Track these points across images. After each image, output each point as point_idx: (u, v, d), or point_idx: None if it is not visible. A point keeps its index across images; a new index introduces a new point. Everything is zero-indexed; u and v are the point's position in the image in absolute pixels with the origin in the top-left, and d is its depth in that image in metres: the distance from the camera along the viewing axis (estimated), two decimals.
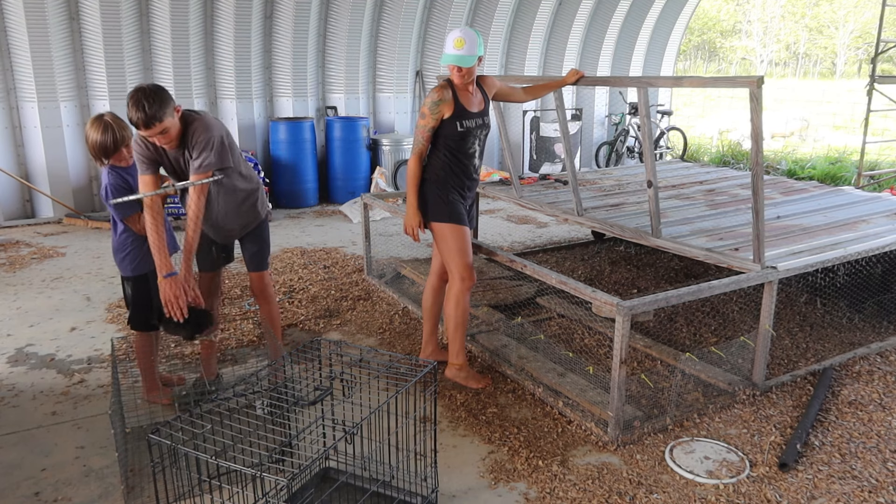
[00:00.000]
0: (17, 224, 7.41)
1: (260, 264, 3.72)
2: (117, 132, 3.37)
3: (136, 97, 2.98)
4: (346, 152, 8.58)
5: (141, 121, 2.99)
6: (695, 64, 52.47)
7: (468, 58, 3.57)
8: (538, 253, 6.42)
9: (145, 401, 3.61)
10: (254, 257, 3.71)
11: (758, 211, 3.47)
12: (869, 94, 8.94)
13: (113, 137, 3.36)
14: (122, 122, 3.41)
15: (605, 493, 2.91)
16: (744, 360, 3.96)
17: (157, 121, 3.00)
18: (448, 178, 3.77)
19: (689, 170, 6.64)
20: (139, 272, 3.48)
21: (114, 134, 3.36)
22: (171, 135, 3.11)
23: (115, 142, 3.36)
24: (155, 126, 3.01)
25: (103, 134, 3.34)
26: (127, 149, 3.41)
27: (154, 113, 2.98)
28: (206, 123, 3.21)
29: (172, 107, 3.08)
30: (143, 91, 3.01)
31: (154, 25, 7.83)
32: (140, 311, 3.53)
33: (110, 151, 3.37)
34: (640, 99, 3.96)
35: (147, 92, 3.00)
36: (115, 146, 3.37)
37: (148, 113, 2.97)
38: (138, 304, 3.53)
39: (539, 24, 10.03)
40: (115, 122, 3.39)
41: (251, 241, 3.68)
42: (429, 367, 2.74)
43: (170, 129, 3.08)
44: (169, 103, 3.05)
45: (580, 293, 3.45)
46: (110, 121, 3.38)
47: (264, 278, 3.74)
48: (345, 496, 2.68)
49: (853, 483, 2.98)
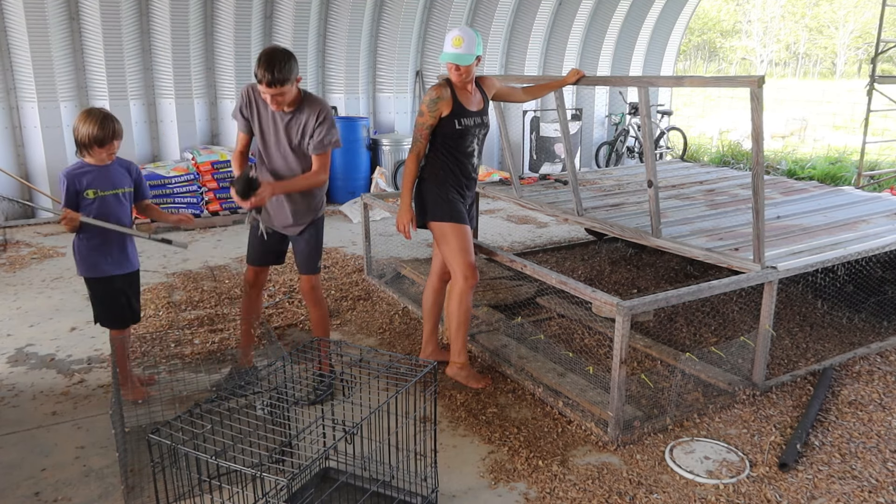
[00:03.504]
0: (17, 224, 7.41)
1: (309, 267, 3.72)
2: (111, 124, 3.36)
3: (270, 59, 3.18)
4: (346, 152, 8.58)
5: (266, 80, 3.19)
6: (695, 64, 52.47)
7: (466, 56, 3.57)
8: (538, 253, 6.42)
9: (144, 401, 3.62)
10: (303, 259, 3.72)
11: (758, 211, 3.47)
12: (869, 94, 8.94)
13: (112, 129, 3.36)
14: (112, 115, 3.41)
15: (605, 493, 2.91)
16: (744, 360, 3.96)
17: (279, 83, 3.20)
18: (447, 177, 3.77)
19: (689, 170, 6.64)
20: (88, 275, 3.53)
21: (112, 126, 3.36)
22: (285, 99, 3.31)
23: (113, 132, 3.36)
24: (276, 87, 3.21)
25: (101, 128, 3.32)
26: (118, 141, 3.41)
27: (282, 77, 3.19)
28: (327, 106, 3.47)
29: (296, 74, 3.29)
30: (276, 53, 3.21)
31: (154, 25, 7.83)
32: (100, 310, 3.58)
33: (104, 142, 3.36)
34: (640, 99, 3.96)
35: (279, 55, 3.20)
36: (113, 136, 3.37)
37: (276, 76, 3.18)
38: (95, 303, 3.59)
39: (539, 24, 10.03)
40: (106, 115, 3.38)
41: (303, 241, 3.69)
42: (429, 367, 2.74)
43: (286, 94, 3.28)
44: (294, 71, 3.26)
45: (580, 293, 3.45)
46: (103, 113, 3.37)
47: (311, 281, 3.75)
48: (345, 496, 2.68)
49: (853, 483, 2.98)
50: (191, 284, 5.52)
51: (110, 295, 3.55)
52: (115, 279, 3.53)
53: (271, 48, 3.27)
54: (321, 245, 3.77)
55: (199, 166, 7.58)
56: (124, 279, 3.58)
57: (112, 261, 3.51)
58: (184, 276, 5.74)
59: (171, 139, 8.26)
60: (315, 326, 3.87)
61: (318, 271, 3.78)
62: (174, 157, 8.20)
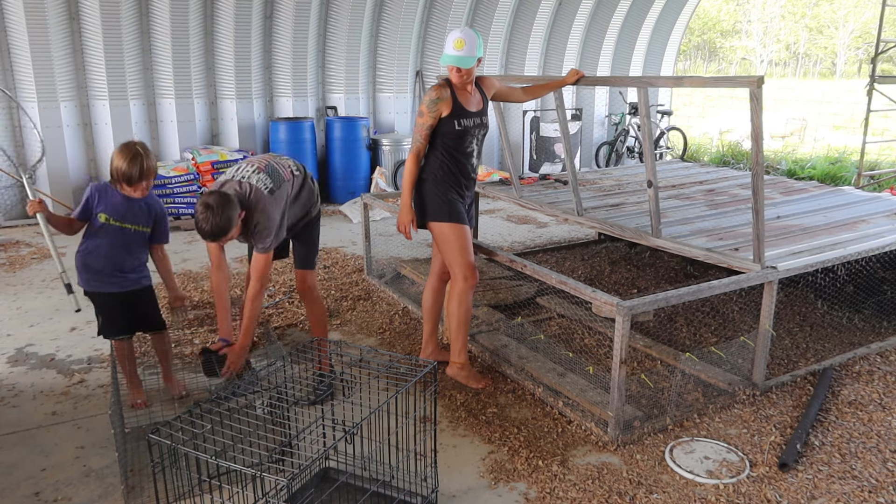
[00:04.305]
0: (18, 224, 7.41)
1: (305, 262, 3.74)
2: (144, 162, 3.33)
3: (205, 216, 3.12)
4: (346, 152, 8.58)
5: (208, 237, 3.20)
6: (695, 64, 52.46)
7: (468, 59, 3.58)
8: (538, 253, 6.42)
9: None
10: (300, 255, 3.74)
11: (758, 211, 3.47)
12: (869, 94, 8.94)
13: (140, 169, 3.32)
14: (149, 152, 3.39)
15: (605, 493, 2.91)
16: (744, 360, 3.96)
17: (222, 236, 3.20)
18: (446, 177, 3.77)
19: (689, 170, 6.64)
20: (88, 289, 3.51)
21: (141, 165, 3.32)
22: (232, 237, 3.29)
23: (140, 173, 3.33)
24: (219, 240, 3.25)
25: (131, 165, 3.29)
26: (147, 181, 3.38)
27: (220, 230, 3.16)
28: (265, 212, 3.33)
29: (237, 217, 3.21)
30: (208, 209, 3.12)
31: (154, 25, 7.83)
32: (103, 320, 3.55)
33: (134, 181, 3.33)
34: (640, 99, 3.96)
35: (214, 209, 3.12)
36: (140, 177, 3.34)
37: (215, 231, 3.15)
38: (98, 315, 3.56)
39: (539, 24, 10.03)
40: (144, 152, 3.35)
41: (301, 237, 3.71)
42: (429, 367, 2.74)
43: (231, 236, 3.26)
44: (234, 217, 3.18)
45: (580, 293, 3.45)
46: (140, 150, 3.34)
47: (307, 278, 3.76)
48: (345, 496, 2.68)
49: (853, 483, 2.98)
50: (191, 284, 5.53)
51: (104, 306, 3.51)
52: (112, 295, 3.48)
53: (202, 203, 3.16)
54: (317, 241, 3.79)
55: (199, 166, 7.59)
56: (126, 296, 3.51)
57: (101, 278, 3.45)
58: (184, 276, 5.74)
59: (171, 139, 8.26)
60: (313, 326, 3.88)
61: (315, 267, 3.79)
62: (174, 157, 8.21)
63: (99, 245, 3.40)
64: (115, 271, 3.45)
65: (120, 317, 3.51)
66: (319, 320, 3.86)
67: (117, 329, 3.54)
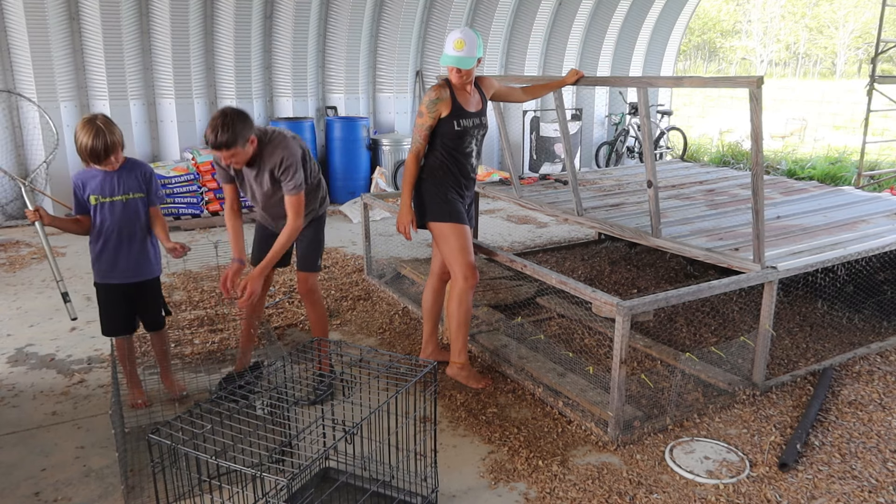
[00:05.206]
0: (17, 224, 7.41)
1: (307, 264, 3.73)
2: (108, 137, 3.21)
3: (215, 123, 3.18)
4: (346, 152, 8.58)
5: (211, 143, 3.21)
6: (695, 64, 52.46)
7: (468, 59, 3.58)
8: (538, 253, 6.42)
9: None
10: (303, 256, 3.73)
11: (758, 211, 3.47)
12: (869, 94, 8.94)
13: (104, 143, 3.21)
14: (112, 125, 3.27)
15: (605, 493, 2.91)
16: (744, 360, 3.96)
17: (225, 147, 3.20)
18: (445, 177, 3.78)
19: (689, 170, 6.64)
20: (98, 280, 3.52)
21: (105, 139, 3.21)
22: (238, 159, 3.31)
23: (105, 147, 3.22)
24: (222, 151, 3.22)
25: (94, 139, 3.19)
26: (115, 154, 3.28)
27: (225, 140, 3.17)
28: (288, 148, 3.38)
29: (248, 137, 3.25)
30: (223, 116, 3.19)
31: (154, 25, 7.83)
32: (101, 316, 3.55)
33: (101, 157, 3.24)
34: (640, 99, 3.96)
35: (226, 118, 3.18)
36: (106, 152, 3.23)
37: (219, 139, 3.17)
38: (101, 310, 3.56)
39: (539, 24, 10.03)
40: (106, 127, 3.23)
41: (305, 236, 3.70)
42: (429, 367, 2.74)
43: (238, 155, 3.27)
44: (244, 133, 3.22)
45: (580, 293, 3.45)
46: (101, 125, 3.21)
47: (309, 280, 3.75)
48: (345, 496, 2.68)
49: (853, 483, 2.98)
50: (191, 284, 5.53)
51: (107, 301, 3.51)
52: (120, 287, 3.48)
53: (220, 111, 3.23)
54: (322, 243, 3.78)
55: (200, 166, 7.58)
56: (132, 288, 3.51)
57: (114, 268, 3.45)
58: (184, 275, 5.74)
59: (171, 139, 8.26)
60: (313, 327, 3.88)
61: (317, 270, 3.77)
62: (174, 157, 8.21)
63: (105, 229, 3.40)
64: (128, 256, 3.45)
65: (120, 315, 3.52)
66: (320, 321, 3.86)
67: (116, 328, 3.54)
